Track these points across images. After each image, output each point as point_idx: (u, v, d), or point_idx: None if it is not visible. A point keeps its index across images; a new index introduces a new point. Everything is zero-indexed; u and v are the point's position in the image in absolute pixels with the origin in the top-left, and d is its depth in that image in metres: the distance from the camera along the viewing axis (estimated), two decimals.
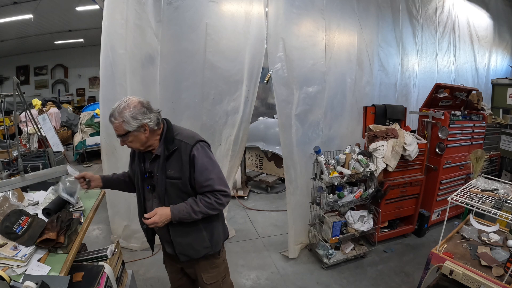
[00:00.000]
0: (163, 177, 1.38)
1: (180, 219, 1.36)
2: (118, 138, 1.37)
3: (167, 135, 1.41)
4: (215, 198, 1.38)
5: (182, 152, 1.36)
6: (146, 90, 2.68)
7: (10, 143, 4.01)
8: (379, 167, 2.76)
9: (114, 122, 1.33)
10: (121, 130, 1.33)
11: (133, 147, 1.39)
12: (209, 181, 1.37)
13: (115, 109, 1.33)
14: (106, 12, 2.52)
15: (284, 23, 2.73)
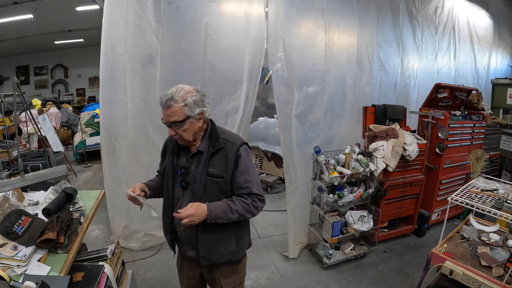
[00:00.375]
0: (203, 174, 1.32)
1: (216, 217, 1.27)
2: (169, 125, 1.28)
3: (212, 132, 1.37)
4: (252, 200, 1.34)
5: (228, 151, 1.33)
6: (146, 90, 2.68)
7: (10, 143, 4.01)
8: (379, 167, 2.76)
9: (174, 105, 1.24)
10: (180, 115, 1.25)
11: (183, 137, 1.30)
12: (248, 183, 1.34)
13: (174, 92, 1.25)
14: (106, 12, 2.52)
15: (284, 23, 2.73)
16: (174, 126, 1.27)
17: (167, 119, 1.27)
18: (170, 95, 1.25)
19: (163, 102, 1.26)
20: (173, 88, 1.29)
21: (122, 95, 2.65)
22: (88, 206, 1.75)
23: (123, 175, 2.82)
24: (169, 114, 1.26)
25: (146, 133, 2.76)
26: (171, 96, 1.25)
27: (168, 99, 1.25)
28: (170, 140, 1.45)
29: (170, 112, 1.25)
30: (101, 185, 3.32)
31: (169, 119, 1.27)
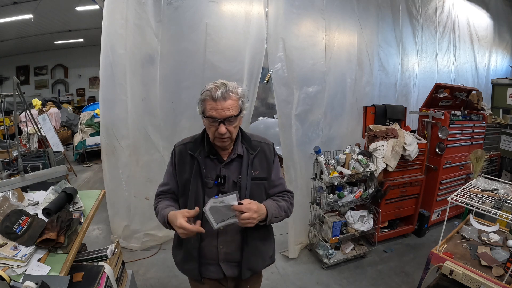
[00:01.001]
0: (247, 178, 1.21)
1: (272, 216, 1.19)
2: (222, 121, 1.11)
3: (245, 135, 1.29)
4: (288, 197, 1.32)
5: (267, 152, 1.28)
6: (146, 90, 2.68)
7: (10, 143, 4.01)
8: (379, 167, 2.76)
9: (232, 97, 1.11)
10: (236, 108, 1.13)
11: (233, 135, 1.17)
12: (281, 179, 1.34)
13: (228, 84, 1.12)
14: (106, 12, 2.52)
15: (284, 23, 2.73)
16: (228, 122, 1.12)
17: (221, 114, 1.10)
18: (224, 86, 1.10)
19: (219, 94, 1.08)
20: (213, 82, 1.15)
21: (122, 95, 2.65)
22: (88, 206, 1.75)
23: (123, 175, 2.82)
24: (226, 108, 1.10)
25: (146, 133, 2.76)
26: (227, 87, 1.10)
27: (227, 90, 1.09)
28: (189, 148, 1.25)
29: (227, 105, 1.10)
30: (101, 185, 3.32)
31: (224, 114, 1.10)
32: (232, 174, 1.22)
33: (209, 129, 1.17)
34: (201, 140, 1.26)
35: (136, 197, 2.86)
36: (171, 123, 2.81)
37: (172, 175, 1.30)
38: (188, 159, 1.24)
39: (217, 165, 1.23)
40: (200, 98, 1.15)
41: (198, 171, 1.21)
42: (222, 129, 1.11)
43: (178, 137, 2.81)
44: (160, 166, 2.84)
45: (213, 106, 1.10)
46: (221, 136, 1.14)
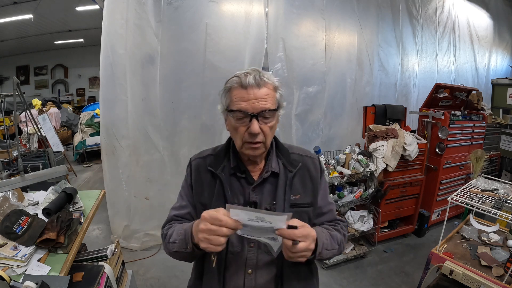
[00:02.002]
0: (285, 205, 0.90)
1: (324, 246, 0.87)
2: (255, 115, 0.82)
3: (281, 146, 0.99)
4: (341, 227, 1.00)
5: (311, 169, 0.97)
6: (146, 90, 2.68)
7: (10, 143, 4.01)
8: (379, 167, 2.76)
9: (267, 83, 0.84)
10: (273, 100, 0.85)
11: (268, 139, 0.87)
12: (330, 205, 1.02)
13: (261, 71, 0.86)
14: (106, 12, 2.52)
15: (284, 23, 2.74)
16: (263, 118, 0.84)
17: (254, 105, 0.82)
18: (257, 72, 0.84)
19: (251, 79, 0.82)
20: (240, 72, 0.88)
21: (122, 95, 2.66)
22: (88, 206, 1.75)
23: (123, 175, 2.82)
24: (260, 97, 0.82)
25: (146, 133, 2.76)
26: (262, 73, 0.84)
27: (261, 76, 0.83)
28: (210, 162, 0.96)
29: (262, 94, 0.83)
30: (101, 185, 3.31)
31: (258, 105, 0.82)
32: (264, 199, 0.92)
33: (235, 132, 0.87)
34: (225, 153, 0.97)
35: (136, 197, 2.86)
36: (171, 123, 2.81)
37: (189, 196, 1.00)
38: (207, 177, 0.95)
39: (245, 187, 0.93)
40: (224, 89, 0.88)
41: (221, 194, 0.91)
42: (255, 126, 0.82)
43: (178, 137, 2.84)
44: (160, 166, 2.85)
45: (243, 95, 0.82)
46: (252, 140, 0.84)
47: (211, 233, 0.73)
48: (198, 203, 0.96)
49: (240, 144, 0.88)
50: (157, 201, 2.90)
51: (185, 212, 0.99)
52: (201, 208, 0.93)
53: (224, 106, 0.89)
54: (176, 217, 1.00)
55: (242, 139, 0.86)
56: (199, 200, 0.96)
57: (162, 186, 2.89)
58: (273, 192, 0.92)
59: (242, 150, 0.89)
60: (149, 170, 2.85)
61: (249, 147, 0.87)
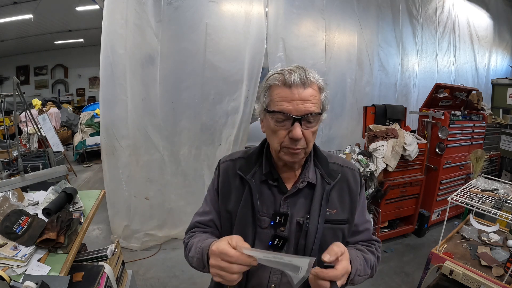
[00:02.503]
0: (319, 220, 0.81)
1: (357, 273, 0.78)
2: (299, 118, 0.73)
3: (319, 154, 0.89)
4: (375, 249, 0.91)
5: (351, 182, 0.88)
6: (146, 90, 2.68)
7: (10, 143, 4.01)
8: (379, 167, 2.76)
9: (313, 83, 0.75)
10: (318, 104, 0.77)
11: (309, 146, 0.79)
12: (367, 224, 0.93)
13: (306, 68, 0.77)
14: (106, 12, 2.52)
15: (284, 23, 2.74)
16: (306, 122, 0.75)
17: (298, 107, 0.73)
18: (303, 70, 0.75)
19: (296, 78, 0.72)
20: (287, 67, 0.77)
21: (122, 95, 2.66)
22: (88, 206, 1.75)
23: (123, 175, 2.82)
24: (305, 98, 0.73)
25: (146, 133, 2.76)
26: (307, 72, 0.75)
27: (307, 75, 0.74)
28: (240, 166, 0.88)
29: (308, 95, 0.74)
30: (101, 185, 3.31)
31: (303, 107, 0.73)
32: (297, 212, 0.83)
33: (273, 134, 0.78)
34: (257, 157, 0.88)
35: (136, 197, 2.86)
36: (171, 123, 2.81)
37: (214, 201, 0.93)
38: (236, 182, 0.87)
39: (277, 196, 0.84)
40: (264, 86, 0.78)
41: (249, 202, 0.83)
42: (298, 131, 0.73)
43: (178, 137, 2.84)
44: (160, 166, 2.85)
45: (286, 95, 0.73)
46: (292, 145, 0.75)
47: (221, 270, 0.66)
48: (223, 210, 0.89)
49: (278, 148, 0.78)
50: (157, 201, 2.90)
51: (208, 219, 0.92)
52: (226, 215, 0.87)
53: (263, 105, 0.78)
54: (199, 223, 0.93)
55: (281, 143, 0.77)
56: (225, 206, 0.88)
57: (162, 186, 2.89)
58: (307, 204, 0.83)
59: (280, 155, 0.79)
60: (149, 170, 2.85)
61: (288, 152, 0.77)
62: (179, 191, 2.93)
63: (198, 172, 2.95)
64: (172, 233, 3.04)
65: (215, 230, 0.92)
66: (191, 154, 2.90)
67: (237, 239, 0.68)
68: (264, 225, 0.83)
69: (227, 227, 0.88)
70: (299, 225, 0.82)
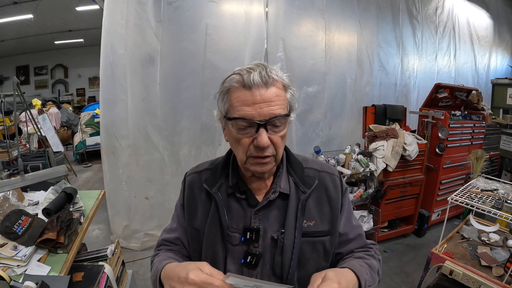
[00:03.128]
0: (295, 233, 0.73)
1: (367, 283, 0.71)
2: (263, 123, 0.65)
3: (292, 159, 0.81)
4: (374, 252, 0.84)
5: (329, 188, 0.79)
6: (146, 90, 2.68)
7: (10, 143, 4.01)
8: (379, 167, 2.76)
9: (276, 82, 0.66)
10: (284, 104, 0.68)
11: (279, 153, 0.71)
12: (357, 229, 0.85)
13: (268, 66, 0.68)
14: (106, 12, 2.52)
15: (284, 23, 2.74)
16: (272, 127, 0.67)
17: (261, 111, 0.64)
18: (263, 68, 0.66)
19: (256, 77, 0.64)
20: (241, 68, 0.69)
21: (122, 95, 2.66)
22: (88, 206, 1.75)
23: (123, 175, 2.82)
24: (269, 100, 0.65)
25: (146, 133, 2.76)
26: (269, 69, 0.66)
27: (268, 72, 0.65)
28: (206, 178, 0.80)
29: (271, 95, 0.65)
30: (101, 185, 3.31)
31: (268, 110, 0.65)
32: (270, 226, 0.75)
33: (237, 143, 0.69)
34: (223, 167, 0.80)
35: (136, 197, 2.86)
36: (171, 123, 2.81)
37: (180, 217, 0.86)
38: (202, 196, 0.80)
39: (247, 209, 0.76)
40: (221, 90, 0.70)
41: (216, 218, 0.75)
42: (264, 138, 0.65)
43: (178, 137, 2.84)
44: (160, 166, 2.85)
45: (247, 98, 0.65)
46: (259, 154, 0.68)
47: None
48: (190, 227, 0.81)
49: (244, 159, 0.70)
50: (157, 201, 2.90)
51: (174, 237, 0.86)
52: (193, 233, 0.80)
53: (222, 112, 0.70)
54: (165, 241, 0.87)
55: (246, 153, 0.68)
56: (191, 223, 0.80)
57: (162, 186, 2.89)
58: (281, 217, 0.75)
59: (247, 166, 0.71)
60: (149, 170, 2.85)
61: (255, 162, 0.69)
62: (179, 191, 2.92)
63: None
64: None
65: (182, 249, 0.85)
66: (191, 154, 2.90)
67: (209, 268, 0.62)
68: (235, 241, 0.75)
69: (196, 245, 0.80)
70: (274, 240, 0.74)
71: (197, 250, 0.80)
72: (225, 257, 0.75)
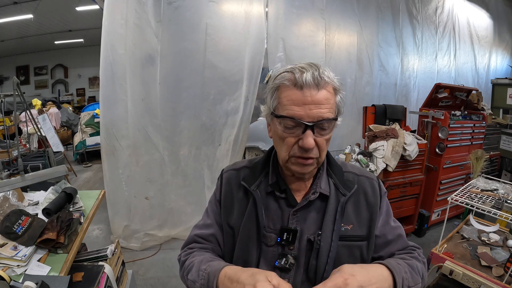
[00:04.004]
0: (334, 238, 0.71)
1: (405, 281, 0.66)
2: (312, 124, 0.64)
3: (333, 162, 0.80)
4: (417, 254, 0.79)
5: (368, 192, 0.77)
6: (146, 90, 2.68)
7: (10, 143, 4.01)
8: (379, 167, 2.76)
9: (328, 84, 0.66)
10: (333, 108, 0.67)
11: (322, 155, 0.70)
12: (397, 229, 0.80)
13: (320, 67, 0.68)
14: (106, 12, 2.52)
15: (284, 23, 2.74)
16: (319, 129, 0.66)
17: (311, 112, 0.64)
18: (316, 69, 0.66)
19: (309, 77, 0.63)
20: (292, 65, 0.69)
21: (122, 95, 2.66)
22: (88, 206, 1.75)
23: (123, 175, 2.82)
24: (319, 102, 0.64)
25: (146, 133, 2.76)
26: (321, 71, 0.66)
27: (320, 74, 0.65)
28: (244, 176, 0.80)
29: (322, 98, 0.64)
30: (101, 185, 3.31)
31: (317, 112, 0.64)
32: (307, 228, 0.73)
33: (281, 142, 0.69)
34: (263, 166, 0.80)
35: (136, 197, 2.86)
36: (171, 123, 2.81)
37: (216, 214, 0.83)
38: (240, 194, 0.79)
39: (285, 209, 0.75)
40: (271, 86, 0.70)
41: (253, 216, 0.74)
42: (310, 140, 0.64)
43: (178, 137, 2.84)
44: (160, 166, 2.85)
45: (297, 97, 0.64)
46: (303, 155, 0.67)
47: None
48: (225, 224, 0.79)
49: (286, 158, 0.69)
50: (157, 201, 2.90)
51: (209, 233, 0.82)
52: (228, 230, 0.78)
53: (270, 108, 0.69)
54: (198, 237, 0.83)
55: (290, 152, 0.68)
56: (227, 220, 0.79)
57: (162, 186, 2.89)
58: (319, 219, 0.73)
59: (288, 165, 0.71)
60: (149, 170, 2.85)
61: (297, 162, 0.68)
62: (179, 191, 2.93)
63: (198, 172, 2.95)
64: (172, 233, 3.04)
65: (216, 247, 0.82)
66: (191, 154, 2.90)
67: (277, 279, 0.58)
68: (270, 242, 0.73)
69: (229, 244, 0.78)
70: (310, 242, 0.72)
71: (230, 250, 0.78)
72: (258, 258, 0.73)
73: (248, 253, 0.74)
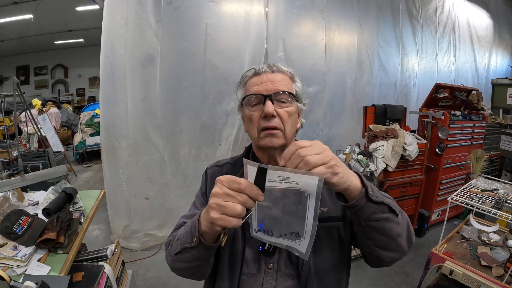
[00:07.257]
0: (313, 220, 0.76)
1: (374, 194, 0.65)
2: (269, 96, 0.76)
3: None
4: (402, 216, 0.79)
5: None
6: (146, 90, 2.68)
7: (10, 143, 4.01)
8: (379, 167, 2.76)
9: (282, 70, 0.82)
10: (289, 86, 0.80)
11: (286, 126, 0.77)
12: None
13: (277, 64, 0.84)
14: (106, 12, 2.52)
15: (284, 23, 2.74)
16: (278, 101, 0.77)
17: (267, 87, 0.77)
18: (274, 64, 0.84)
19: (265, 66, 0.81)
20: None
21: (122, 95, 2.66)
22: (88, 206, 1.75)
23: (123, 175, 2.82)
24: (274, 80, 0.79)
25: (146, 133, 2.76)
26: (276, 64, 0.84)
27: (275, 64, 0.83)
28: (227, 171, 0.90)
29: (277, 77, 0.79)
30: (101, 185, 3.32)
31: (273, 86, 0.77)
32: None
33: (250, 122, 0.79)
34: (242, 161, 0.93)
35: (136, 197, 2.86)
36: (171, 123, 2.81)
37: (203, 204, 0.88)
38: None
39: None
40: (239, 83, 0.85)
41: None
42: (269, 107, 0.74)
43: (178, 137, 2.84)
44: (160, 166, 2.85)
45: (256, 81, 0.80)
46: (268, 125, 0.75)
47: (226, 198, 0.57)
48: None
49: (256, 135, 0.78)
50: (157, 201, 2.90)
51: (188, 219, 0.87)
52: None
53: (239, 100, 0.83)
54: (184, 223, 0.86)
55: (257, 127, 0.77)
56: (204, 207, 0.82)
57: (162, 186, 2.89)
58: None
59: (259, 143, 0.78)
60: (149, 170, 2.85)
61: (265, 134, 0.76)
62: (179, 191, 2.93)
63: (198, 172, 2.95)
64: None
65: None
66: (191, 154, 2.90)
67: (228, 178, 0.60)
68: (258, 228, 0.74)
69: None
70: None
71: None
72: (244, 245, 0.78)
73: (234, 240, 0.79)
